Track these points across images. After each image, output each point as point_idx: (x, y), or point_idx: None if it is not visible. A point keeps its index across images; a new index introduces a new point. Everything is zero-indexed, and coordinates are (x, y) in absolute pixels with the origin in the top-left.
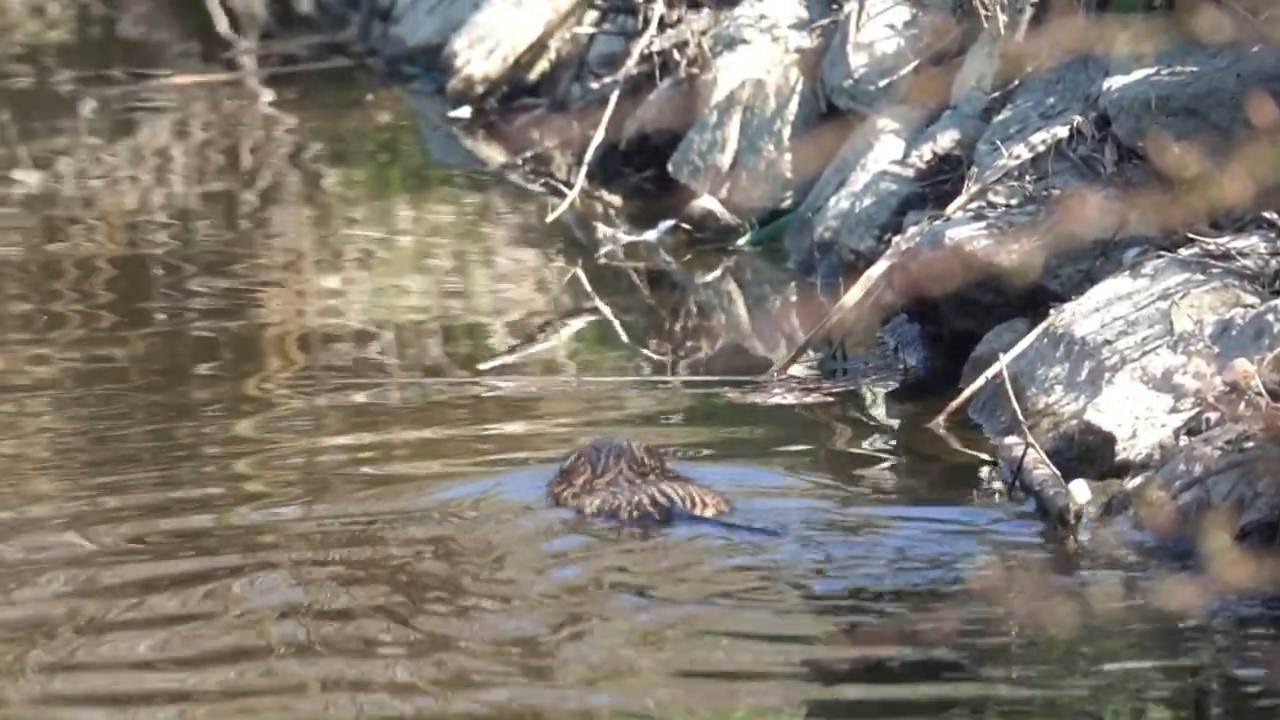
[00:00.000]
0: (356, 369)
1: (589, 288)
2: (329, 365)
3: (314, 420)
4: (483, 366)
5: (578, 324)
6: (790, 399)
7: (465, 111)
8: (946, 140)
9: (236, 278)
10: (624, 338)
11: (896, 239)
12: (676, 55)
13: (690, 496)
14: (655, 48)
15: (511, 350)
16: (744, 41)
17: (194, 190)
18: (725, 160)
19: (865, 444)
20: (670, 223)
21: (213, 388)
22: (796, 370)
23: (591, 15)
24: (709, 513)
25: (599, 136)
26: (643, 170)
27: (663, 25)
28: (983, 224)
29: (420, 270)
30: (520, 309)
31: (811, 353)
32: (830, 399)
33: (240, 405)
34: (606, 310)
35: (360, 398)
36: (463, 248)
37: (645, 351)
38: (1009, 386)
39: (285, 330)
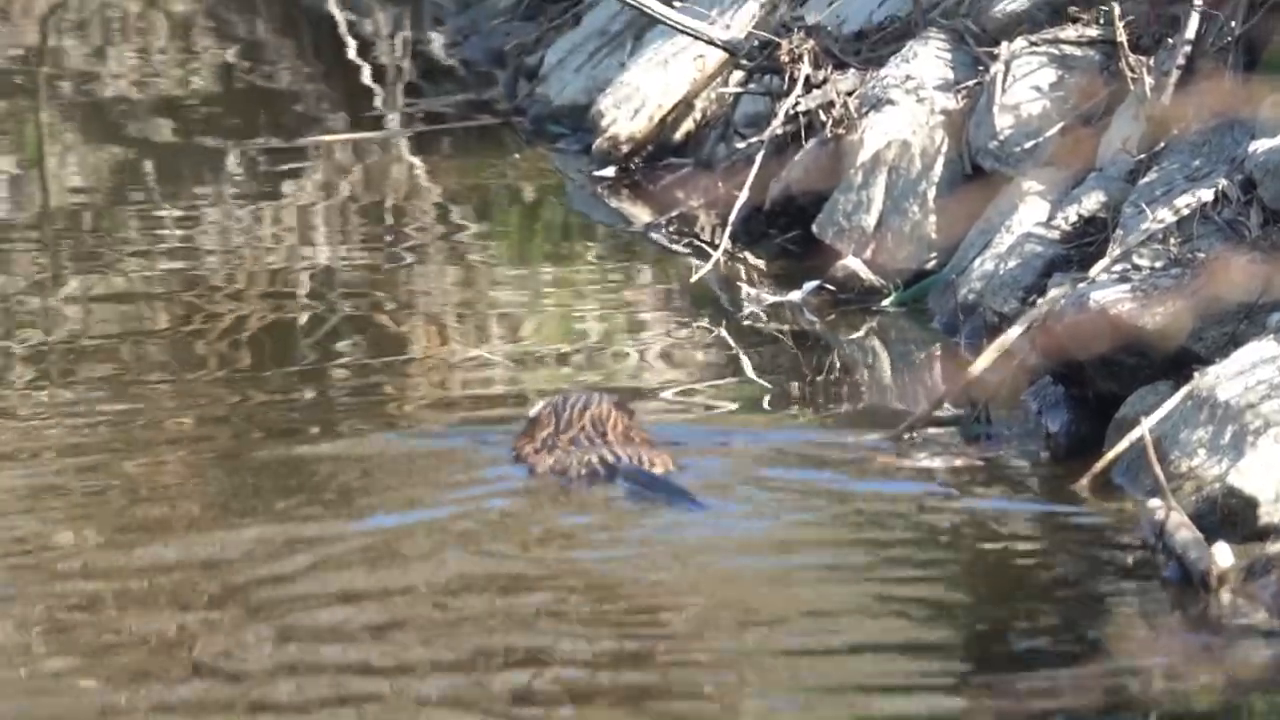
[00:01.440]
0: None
1: (733, 348)
2: (479, 421)
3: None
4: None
5: (723, 384)
6: (932, 461)
7: (610, 171)
8: (1092, 202)
9: (381, 339)
10: (767, 398)
11: (1038, 301)
12: (822, 115)
13: (639, 456)
14: (801, 108)
15: (658, 410)
16: (890, 102)
17: (338, 249)
18: (870, 221)
19: (1005, 505)
20: (814, 284)
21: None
22: (940, 433)
23: (737, 75)
24: (656, 471)
25: (744, 197)
26: (787, 231)
27: (809, 85)
28: (1127, 286)
29: (564, 332)
30: (664, 370)
31: (955, 415)
32: (973, 461)
33: (389, 461)
34: (750, 371)
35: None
36: (606, 309)
37: (790, 410)
38: (1151, 450)
39: (434, 392)
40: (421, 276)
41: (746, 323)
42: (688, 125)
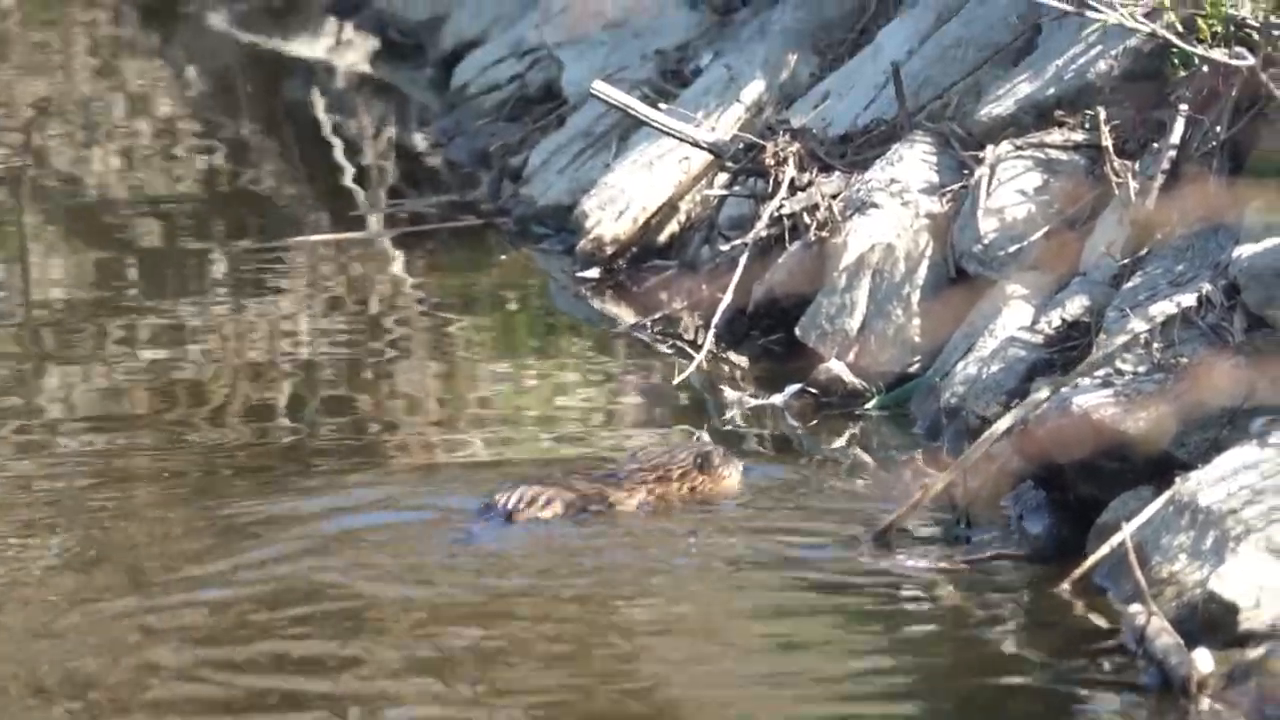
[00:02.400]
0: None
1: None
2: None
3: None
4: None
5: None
6: (915, 564)
7: (594, 272)
8: (1076, 306)
9: (360, 435)
10: (750, 498)
11: (1021, 404)
12: (806, 218)
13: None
14: (785, 210)
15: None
16: (874, 205)
17: (320, 349)
18: (853, 324)
19: (987, 608)
20: (797, 386)
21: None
22: (922, 535)
23: (722, 178)
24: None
25: (727, 298)
26: (770, 333)
27: (793, 188)
28: (1110, 391)
29: (547, 433)
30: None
31: (937, 518)
32: (954, 563)
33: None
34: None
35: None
36: (588, 408)
37: (772, 510)
38: (1133, 555)
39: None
40: (403, 372)
41: (729, 425)
42: (672, 227)
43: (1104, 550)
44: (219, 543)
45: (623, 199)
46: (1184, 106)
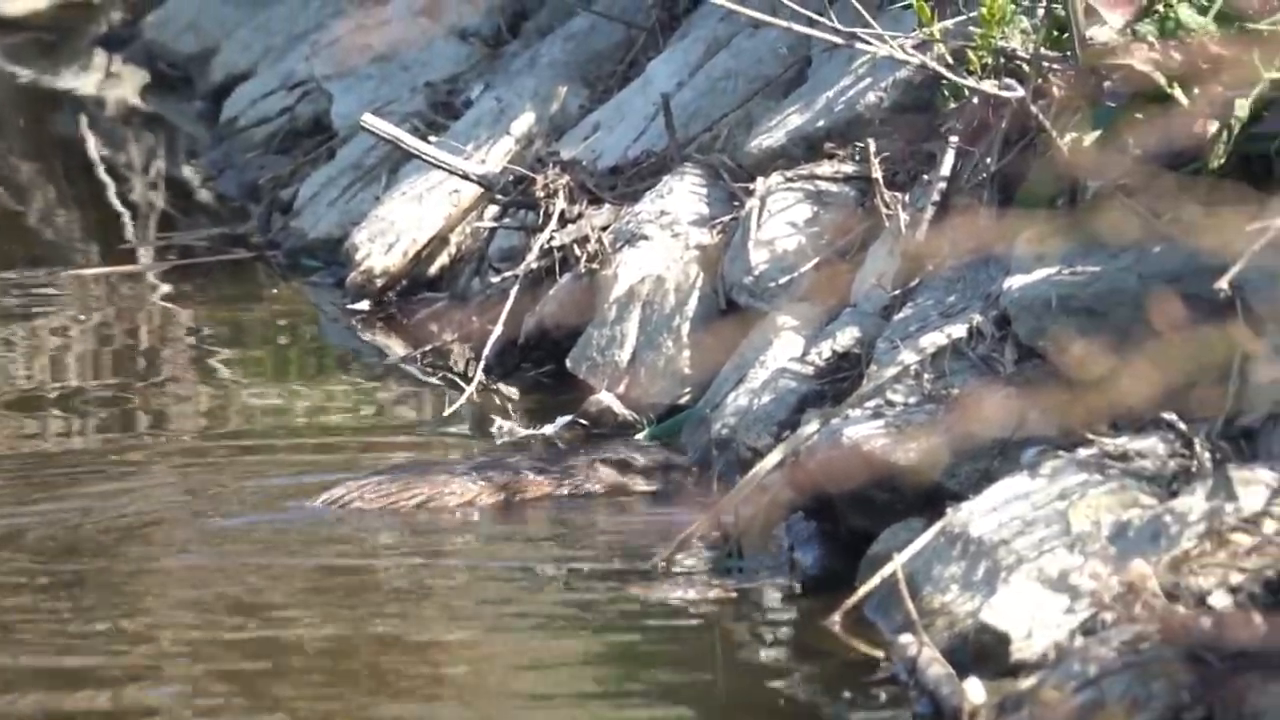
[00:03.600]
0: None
1: None
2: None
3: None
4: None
5: (474, 516)
6: (684, 595)
7: (365, 304)
8: (846, 338)
9: (125, 447)
10: (517, 528)
11: (791, 436)
12: (577, 250)
13: None
14: (556, 243)
15: (402, 539)
16: (644, 237)
17: (87, 379)
18: (624, 356)
19: (758, 641)
20: (567, 418)
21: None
22: (691, 567)
23: (492, 210)
24: None
25: (498, 330)
26: (541, 365)
27: (563, 220)
28: (881, 422)
29: (312, 463)
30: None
31: (709, 552)
32: (724, 596)
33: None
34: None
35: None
36: (358, 438)
37: (540, 539)
38: (903, 585)
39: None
40: (170, 403)
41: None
42: (443, 259)
43: (875, 581)
44: None
45: (393, 231)
46: (954, 138)
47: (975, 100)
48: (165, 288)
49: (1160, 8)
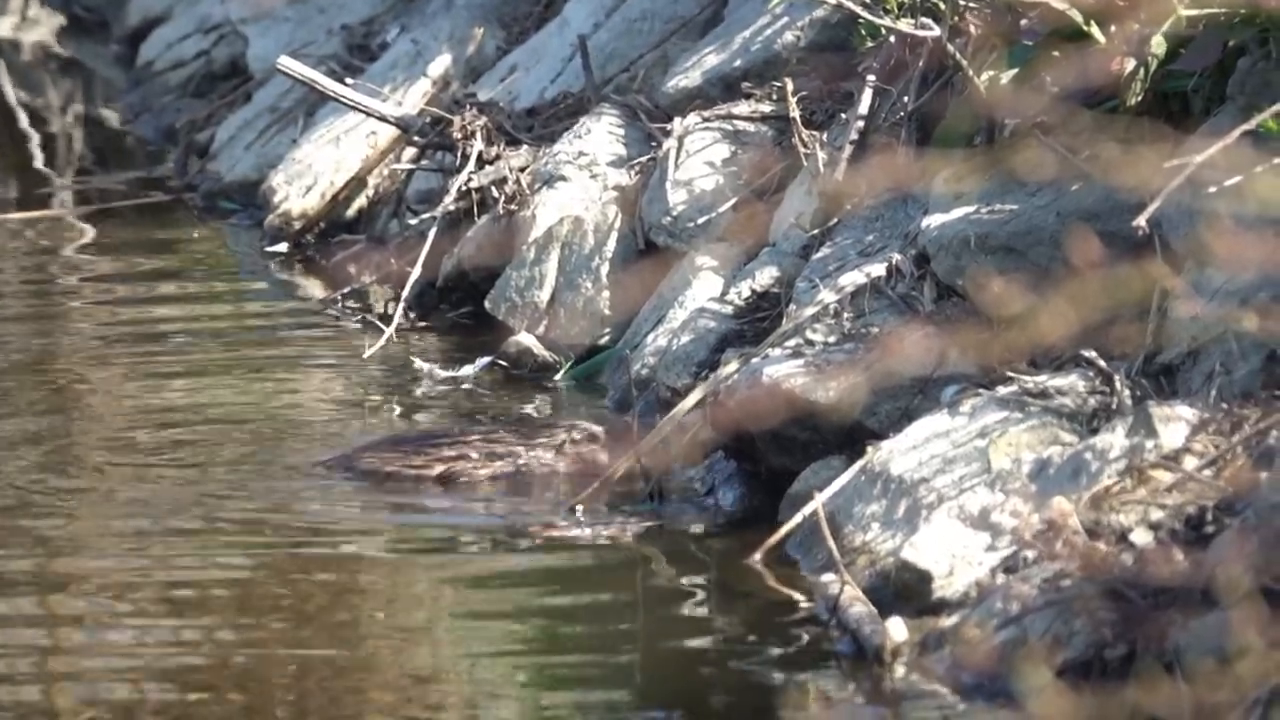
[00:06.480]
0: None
1: (404, 423)
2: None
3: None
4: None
5: None
6: (602, 534)
7: (283, 247)
8: (766, 277)
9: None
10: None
11: (711, 376)
12: (495, 192)
13: None
14: (473, 184)
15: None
16: (563, 178)
17: (7, 319)
18: (543, 297)
19: (680, 580)
20: (487, 360)
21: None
22: (612, 506)
23: (410, 152)
24: None
25: (416, 272)
26: (460, 307)
27: (481, 162)
28: (800, 361)
29: (237, 403)
30: (332, 442)
31: (628, 490)
32: (645, 535)
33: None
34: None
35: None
36: (278, 382)
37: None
38: (824, 524)
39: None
40: (88, 350)
41: (418, 398)
42: (360, 201)
43: (796, 520)
44: None
45: (310, 174)
46: (871, 77)
47: (892, 39)
48: (83, 231)
49: None
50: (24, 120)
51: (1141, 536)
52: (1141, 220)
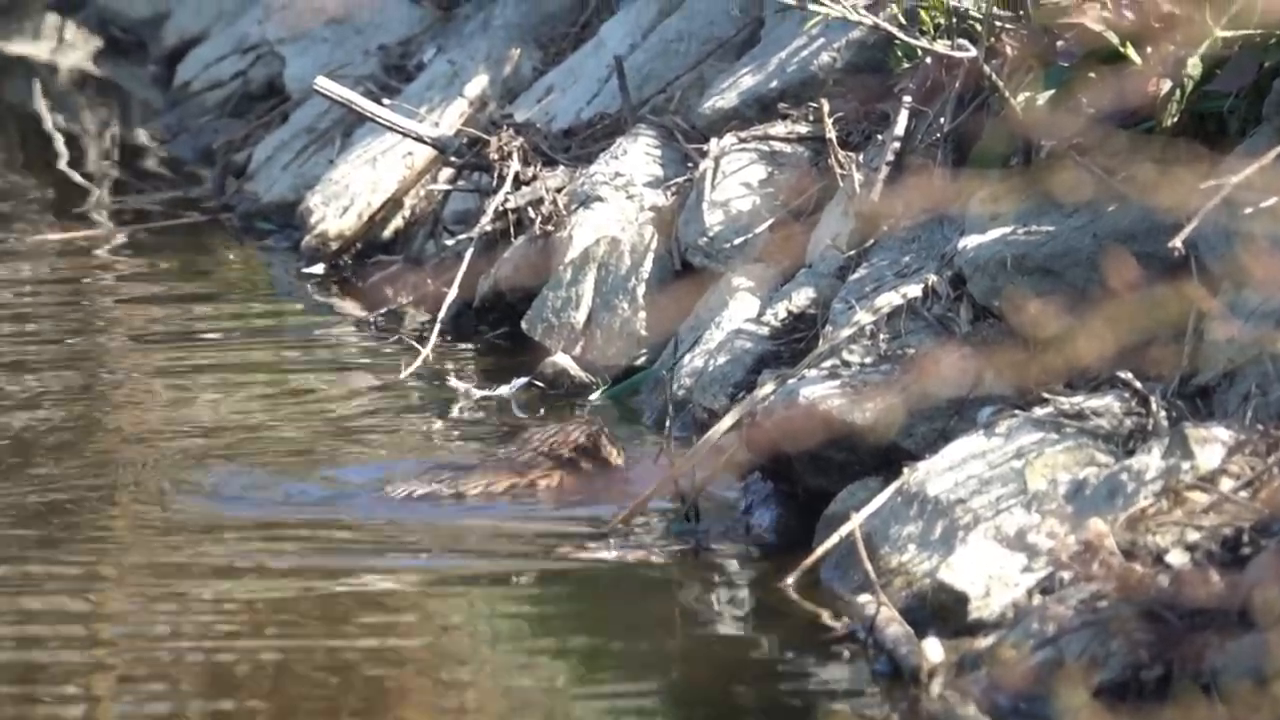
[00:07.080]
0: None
1: (441, 443)
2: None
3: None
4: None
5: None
6: (640, 557)
7: (319, 268)
8: (802, 299)
9: (87, 418)
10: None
11: (747, 397)
12: (531, 212)
13: None
14: (510, 205)
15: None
16: (599, 199)
17: (46, 340)
18: (579, 318)
19: (715, 602)
20: (523, 380)
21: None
22: (648, 529)
23: (446, 172)
24: None
25: (453, 293)
26: (497, 327)
27: (518, 182)
28: (837, 382)
29: (273, 422)
30: (372, 461)
31: (664, 511)
32: (680, 558)
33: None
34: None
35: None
36: (315, 401)
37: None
38: (861, 545)
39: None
40: (129, 367)
41: (455, 418)
42: (397, 222)
43: (832, 541)
44: None
45: (347, 195)
46: (907, 99)
47: (928, 60)
48: (121, 252)
49: None
50: (60, 142)
51: (1178, 558)
52: (1178, 241)
